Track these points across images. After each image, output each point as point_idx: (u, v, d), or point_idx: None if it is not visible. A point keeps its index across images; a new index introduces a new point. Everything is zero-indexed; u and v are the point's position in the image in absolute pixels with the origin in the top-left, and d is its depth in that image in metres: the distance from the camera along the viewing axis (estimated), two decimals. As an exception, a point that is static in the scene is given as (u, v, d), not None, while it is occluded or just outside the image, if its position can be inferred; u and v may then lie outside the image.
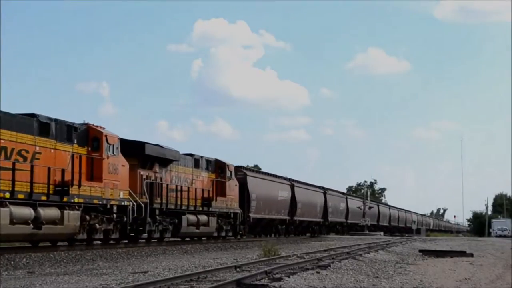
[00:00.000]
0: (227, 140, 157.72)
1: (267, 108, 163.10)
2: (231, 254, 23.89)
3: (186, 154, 30.15)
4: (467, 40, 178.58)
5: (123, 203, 23.32)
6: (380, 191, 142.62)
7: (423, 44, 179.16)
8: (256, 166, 77.48)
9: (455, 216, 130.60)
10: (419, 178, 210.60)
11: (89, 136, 21.95)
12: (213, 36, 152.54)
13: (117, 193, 22.91)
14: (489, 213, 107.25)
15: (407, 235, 72.21)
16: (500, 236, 79.98)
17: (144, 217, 24.99)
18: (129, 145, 24.81)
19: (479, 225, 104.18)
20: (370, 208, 71.95)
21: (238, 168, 37.18)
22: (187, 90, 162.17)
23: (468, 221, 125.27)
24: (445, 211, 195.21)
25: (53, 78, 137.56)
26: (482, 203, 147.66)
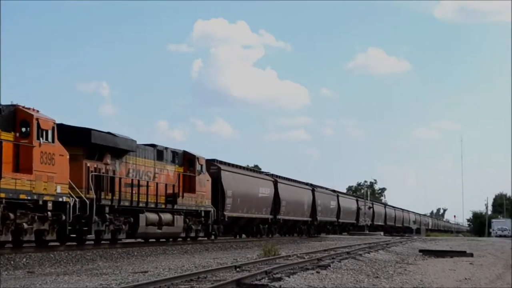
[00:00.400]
0: (227, 140, 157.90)
1: (267, 108, 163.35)
2: (231, 254, 23.92)
3: (148, 145, 26.66)
4: (467, 40, 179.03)
5: (60, 199, 19.89)
6: (380, 191, 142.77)
7: (423, 44, 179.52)
8: (256, 166, 77.42)
9: (455, 216, 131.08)
10: (419, 178, 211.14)
11: (16, 120, 18.65)
12: (213, 36, 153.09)
13: (52, 187, 19.50)
14: (489, 213, 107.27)
15: (406, 235, 71.96)
16: (500, 236, 79.98)
17: (89, 215, 21.74)
18: (72, 132, 21.70)
19: (479, 225, 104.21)
20: (370, 208, 71.56)
21: (211, 162, 33.27)
22: (187, 90, 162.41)
23: (468, 221, 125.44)
24: (445, 211, 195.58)
25: (53, 78, 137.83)
26: (482, 203, 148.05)
